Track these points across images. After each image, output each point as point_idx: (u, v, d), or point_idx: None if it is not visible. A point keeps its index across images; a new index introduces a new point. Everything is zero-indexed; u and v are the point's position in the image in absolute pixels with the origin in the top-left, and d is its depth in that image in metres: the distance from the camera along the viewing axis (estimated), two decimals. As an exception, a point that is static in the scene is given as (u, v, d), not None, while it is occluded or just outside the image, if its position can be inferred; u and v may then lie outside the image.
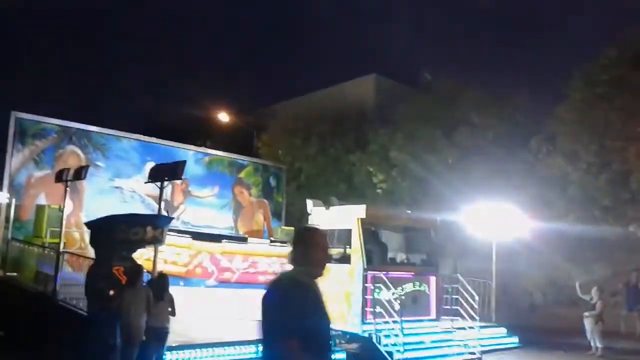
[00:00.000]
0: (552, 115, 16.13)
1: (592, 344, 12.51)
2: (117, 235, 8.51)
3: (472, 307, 11.46)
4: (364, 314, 10.45)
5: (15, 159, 13.61)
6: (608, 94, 14.76)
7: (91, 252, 8.82)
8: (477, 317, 11.34)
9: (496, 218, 13.79)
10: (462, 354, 10.97)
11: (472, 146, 16.99)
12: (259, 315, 2.78)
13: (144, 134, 16.61)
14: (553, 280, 16.64)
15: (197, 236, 12.26)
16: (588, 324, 12.55)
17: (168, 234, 9.91)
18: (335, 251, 11.89)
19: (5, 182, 13.41)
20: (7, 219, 13.07)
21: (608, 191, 14.54)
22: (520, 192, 14.81)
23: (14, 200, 13.22)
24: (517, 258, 15.41)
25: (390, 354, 9.85)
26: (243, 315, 10.68)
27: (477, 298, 11.55)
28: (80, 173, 11.02)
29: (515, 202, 13.94)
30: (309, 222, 12.26)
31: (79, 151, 14.72)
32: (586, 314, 12.63)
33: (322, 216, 11.95)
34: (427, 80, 19.99)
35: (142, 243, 8.66)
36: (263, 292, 2.82)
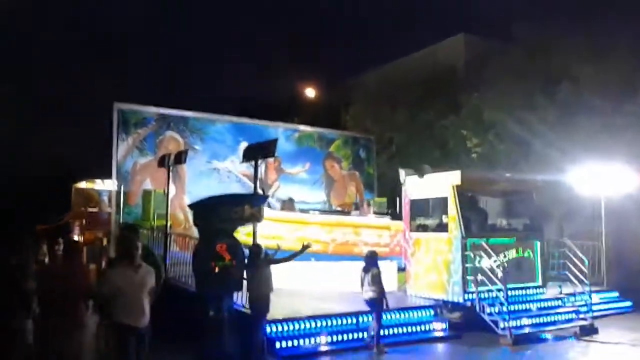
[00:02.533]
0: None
1: None
2: (218, 215, 8.85)
3: (581, 271, 10.86)
4: (465, 282, 10.20)
5: (120, 148, 14.47)
6: None
7: (195, 232, 9.22)
8: (587, 282, 10.74)
9: (604, 176, 12.89)
10: (573, 320, 10.47)
11: (574, 102, 15.85)
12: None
13: (236, 115, 17.05)
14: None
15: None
16: None
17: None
18: (431, 220, 11.69)
19: (114, 170, 14.31)
20: (117, 205, 14.00)
21: None
22: (631, 148, 13.70)
23: (122, 187, 14.11)
24: (628, 218, 14.36)
25: (495, 322, 9.58)
26: (343, 287, 10.83)
27: (586, 262, 10.92)
28: (180, 157, 11.56)
29: (627, 158, 12.91)
30: (402, 193, 12.11)
31: (177, 136, 15.39)
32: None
33: (415, 185, 11.75)
34: (520, 33, 18.76)
35: (242, 221, 8.91)
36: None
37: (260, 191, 11.66)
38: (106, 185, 17.57)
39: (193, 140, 15.55)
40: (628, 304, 12.39)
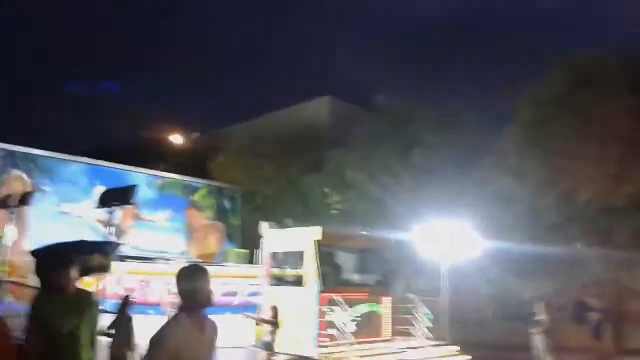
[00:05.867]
0: (500, 136, 16.62)
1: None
2: (64, 263, 8.23)
3: (425, 326, 11.56)
4: (318, 336, 10.37)
5: (-45, 185, 13.02)
6: (554, 114, 15.31)
7: (35, 281, 8.46)
8: (430, 335, 11.44)
9: (448, 237, 14.02)
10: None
11: (426, 166, 17.29)
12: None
13: (93, 156, 16.17)
14: (501, 297, 16.98)
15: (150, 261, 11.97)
16: (537, 339, 12.84)
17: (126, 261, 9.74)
18: (289, 273, 11.84)
19: (-56, 209, 12.76)
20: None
21: (555, 209, 15.02)
22: (472, 211, 15.12)
23: (-47, 228, 12.58)
24: (468, 276, 15.67)
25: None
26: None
27: (430, 316, 11.67)
28: (25, 199, 10.64)
29: (467, 220, 14.21)
30: (262, 245, 12.18)
31: (24, 176, 14.21)
32: (532, 330, 12.94)
33: (276, 238, 11.89)
34: (380, 102, 20.28)
35: (90, 270, 8.36)
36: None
37: (114, 238, 11.11)
38: None
39: (42, 180, 14.43)
40: (468, 357, 13.30)
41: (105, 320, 7.40)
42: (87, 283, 9.07)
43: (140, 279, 11.11)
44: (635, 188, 14.32)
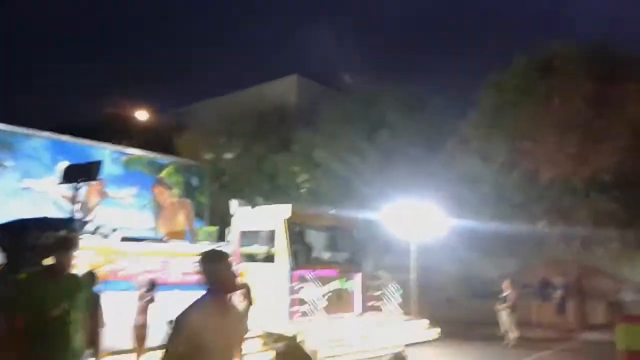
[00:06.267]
0: (466, 119, 16.96)
1: (506, 334, 13.26)
2: (27, 240, 8.06)
3: (396, 302, 11.80)
4: (290, 313, 10.46)
5: None
6: (517, 100, 15.72)
7: (-1, 258, 8.25)
8: (401, 311, 11.69)
9: (415, 216, 14.27)
10: (387, 347, 11.26)
11: (392, 147, 17.49)
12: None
13: (57, 132, 15.70)
14: (467, 275, 17.47)
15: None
16: (504, 315, 13.29)
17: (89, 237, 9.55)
18: (259, 251, 11.85)
19: None
20: None
21: (518, 189, 15.47)
22: (438, 191, 15.43)
23: None
24: (435, 254, 16.04)
25: (315, 351, 9.92)
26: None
27: (400, 292, 11.90)
28: (-15, 173, 10.31)
29: (434, 200, 14.49)
30: (232, 223, 12.14)
31: (-17, 150, 13.71)
32: (499, 306, 13.37)
33: (246, 216, 11.86)
34: (347, 82, 20.36)
35: (55, 247, 8.20)
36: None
37: (79, 215, 10.87)
38: None
39: (2, 156, 13.95)
40: (436, 332, 13.66)
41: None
42: (95, 265, 8.95)
43: (162, 259, 10.92)
44: (593, 170, 14.87)
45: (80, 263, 8.90)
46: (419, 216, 14.30)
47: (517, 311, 13.35)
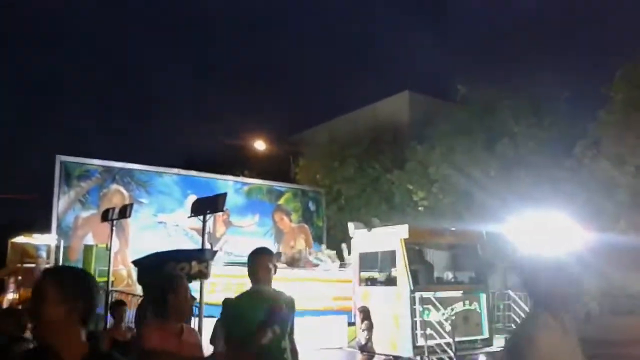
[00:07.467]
0: (594, 119, 15.66)
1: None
2: (164, 272, 8.59)
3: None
4: (414, 337, 10.20)
5: (62, 202, 14.01)
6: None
7: (139, 289, 8.90)
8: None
9: (544, 228, 13.37)
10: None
11: (514, 156, 16.61)
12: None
13: (184, 168, 16.91)
14: (607, 290, 15.97)
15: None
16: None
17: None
18: (379, 274, 11.74)
19: (54, 224, 13.81)
20: (56, 261, 13.40)
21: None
22: (568, 200, 14.35)
23: (62, 242, 13.56)
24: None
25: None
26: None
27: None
28: (125, 211, 11.24)
29: (564, 210, 13.48)
30: (352, 246, 12.17)
31: (122, 189, 15.06)
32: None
33: (364, 239, 11.83)
34: (461, 93, 19.70)
35: (189, 278, 8.68)
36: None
37: (208, 245, 11.48)
38: (45, 240, 16.84)
39: (139, 193, 15.24)
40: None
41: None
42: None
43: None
44: None
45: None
46: (548, 228, 13.38)
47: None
